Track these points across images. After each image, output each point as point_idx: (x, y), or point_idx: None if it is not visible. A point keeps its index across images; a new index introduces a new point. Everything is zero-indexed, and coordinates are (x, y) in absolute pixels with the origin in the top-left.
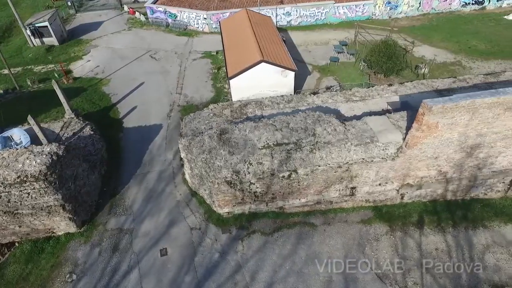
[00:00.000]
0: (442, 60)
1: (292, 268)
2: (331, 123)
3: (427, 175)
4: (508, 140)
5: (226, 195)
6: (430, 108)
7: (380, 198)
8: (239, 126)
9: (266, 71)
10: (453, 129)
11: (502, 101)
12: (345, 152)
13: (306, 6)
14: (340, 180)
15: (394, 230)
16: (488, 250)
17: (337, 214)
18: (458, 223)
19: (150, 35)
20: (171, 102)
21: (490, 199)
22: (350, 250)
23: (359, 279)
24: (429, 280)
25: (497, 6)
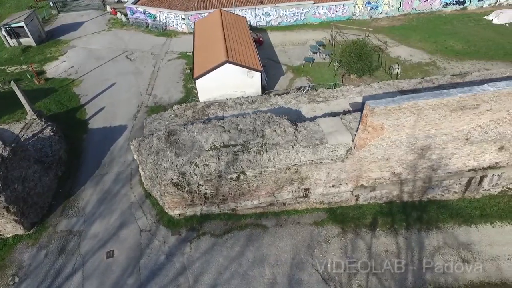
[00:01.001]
0: (418, 61)
1: (237, 270)
2: (281, 125)
3: (380, 176)
4: (459, 142)
5: (174, 196)
6: (373, 109)
7: (334, 199)
8: (188, 127)
9: (231, 71)
10: (400, 131)
11: (446, 102)
12: (293, 154)
13: (286, 6)
14: (291, 181)
15: (346, 232)
16: (438, 252)
17: (290, 216)
18: (412, 225)
19: (129, 35)
20: (140, 103)
21: (448, 200)
22: (298, 252)
23: (303, 281)
24: (374, 282)
25: (478, 6)
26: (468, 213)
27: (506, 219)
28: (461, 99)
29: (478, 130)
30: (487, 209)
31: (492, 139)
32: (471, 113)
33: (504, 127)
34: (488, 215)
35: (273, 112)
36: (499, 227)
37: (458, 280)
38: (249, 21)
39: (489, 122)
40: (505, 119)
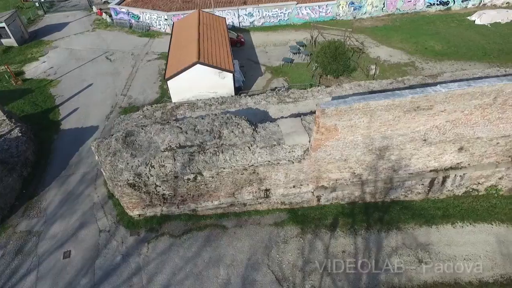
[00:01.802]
0: (396, 61)
1: (192, 270)
2: (239, 126)
3: (340, 177)
4: (417, 142)
5: (132, 197)
6: (323, 110)
7: (296, 200)
8: (146, 128)
9: (203, 72)
10: (354, 132)
11: (398, 103)
12: (250, 155)
13: (268, 6)
14: (249, 182)
15: (306, 233)
16: (396, 253)
17: (251, 217)
18: (372, 226)
19: (112, 36)
20: (114, 104)
21: (411, 201)
22: (255, 253)
23: (257, 282)
24: (328, 283)
25: (462, 6)
26: (430, 213)
27: (468, 220)
28: (413, 100)
29: (435, 131)
30: (450, 209)
31: (450, 140)
32: (426, 114)
33: (461, 128)
34: (450, 215)
35: (241, 112)
36: (460, 227)
37: (412, 280)
38: (232, 21)
39: (445, 123)
40: (461, 120)
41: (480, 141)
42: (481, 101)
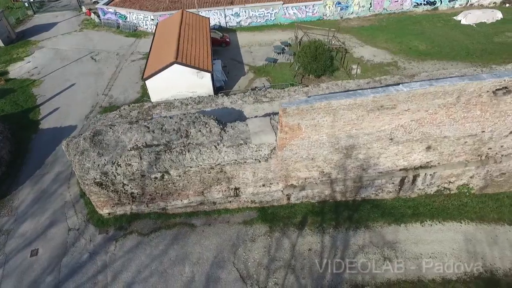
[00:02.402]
0: (380, 61)
1: (157, 268)
2: (207, 125)
3: (309, 176)
4: (383, 141)
5: (100, 196)
6: (285, 110)
7: (266, 199)
8: (114, 128)
9: (180, 72)
10: (319, 131)
11: (360, 102)
12: (216, 154)
13: (255, 6)
14: (218, 181)
15: (274, 231)
16: (362, 251)
17: (221, 215)
18: (341, 224)
19: (99, 36)
20: (95, 103)
21: (382, 200)
22: (222, 251)
23: (221, 279)
24: (291, 280)
25: (449, 6)
26: (400, 212)
27: (437, 218)
28: (375, 99)
29: (401, 130)
30: (420, 208)
31: (417, 139)
32: (390, 113)
33: (427, 127)
34: (420, 214)
35: (216, 112)
36: (428, 226)
37: (375, 278)
38: (219, 22)
39: (410, 122)
40: (426, 119)
41: (448, 140)
42: (444, 100)
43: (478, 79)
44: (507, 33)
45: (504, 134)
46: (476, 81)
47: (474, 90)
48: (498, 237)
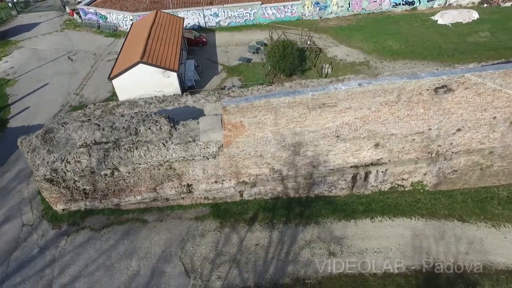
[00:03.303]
0: (352, 60)
1: (105, 262)
2: (158, 123)
3: (260, 173)
4: (330, 139)
5: (52, 192)
6: (225, 108)
7: (219, 195)
8: (66, 125)
9: (147, 72)
10: (263, 128)
11: (300, 100)
12: (164, 151)
13: (234, 7)
14: (168, 177)
15: (224, 227)
16: (308, 246)
17: (174, 211)
18: (291, 220)
19: (80, 36)
20: (65, 102)
21: (335, 196)
22: (170, 246)
23: (166, 273)
24: (234, 274)
25: (428, 6)
26: (352, 208)
27: (388, 214)
28: (314, 97)
29: (346, 127)
30: (373, 204)
31: (364, 136)
32: (332, 111)
33: (372, 125)
34: (371, 210)
35: (178, 110)
36: (378, 221)
37: (318, 272)
38: (198, 22)
39: (354, 120)
40: (370, 117)
41: (395, 137)
42: (385, 99)
43: (416, 78)
44: (481, 33)
45: (451, 131)
46: (414, 80)
47: (413, 89)
48: (445, 232)
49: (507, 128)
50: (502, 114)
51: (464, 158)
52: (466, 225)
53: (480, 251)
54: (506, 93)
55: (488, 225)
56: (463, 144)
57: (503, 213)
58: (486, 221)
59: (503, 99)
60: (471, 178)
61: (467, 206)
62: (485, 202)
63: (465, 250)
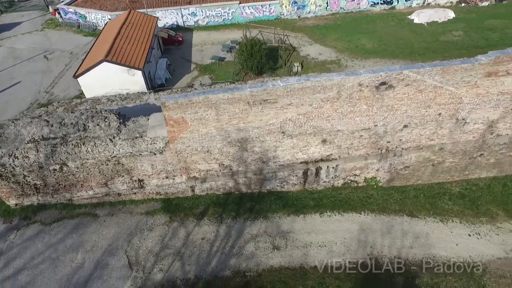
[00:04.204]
0: (324, 59)
1: (50, 255)
2: (107, 119)
3: (209, 168)
4: (276, 135)
5: (1, 187)
6: (164, 104)
7: (171, 190)
8: (16, 122)
9: (111, 70)
10: (206, 124)
11: (238, 97)
12: (112, 146)
13: (211, 6)
14: (118, 172)
15: (173, 221)
16: (254, 240)
17: (126, 206)
18: (241, 215)
19: (59, 35)
20: (34, 100)
21: (288, 192)
22: (117, 239)
23: (109, 265)
24: (176, 267)
25: (406, 6)
26: (303, 203)
27: (338, 210)
28: (253, 93)
29: (291, 123)
30: (324, 200)
31: (310, 132)
32: (273, 107)
33: (316, 121)
34: (322, 205)
35: (138, 108)
36: (327, 216)
37: (259, 265)
38: (177, 21)
39: (298, 116)
40: (313, 113)
41: (342, 134)
42: (325, 95)
43: (354, 75)
44: (454, 32)
45: (398, 128)
46: (352, 76)
47: (352, 85)
48: (393, 227)
49: (454, 125)
50: (446, 110)
51: (415, 154)
52: (415, 220)
53: (425, 245)
54: (447, 90)
55: (437, 220)
56: (412, 141)
57: (452, 208)
58: (435, 216)
59: (445, 96)
60: (424, 174)
61: (418, 202)
62: (436, 197)
63: (410, 244)
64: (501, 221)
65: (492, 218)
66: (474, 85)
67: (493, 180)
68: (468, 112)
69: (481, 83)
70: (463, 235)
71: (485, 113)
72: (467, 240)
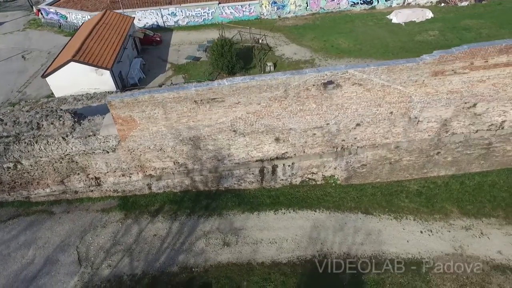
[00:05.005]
0: (298, 58)
1: (1, 252)
2: (61, 118)
3: (164, 166)
4: (227, 133)
5: None
6: (110, 102)
7: (128, 188)
8: None
9: (79, 70)
10: (155, 123)
11: (184, 95)
12: (64, 144)
13: (191, 6)
14: (72, 170)
15: (128, 218)
16: (205, 236)
17: (83, 203)
18: (196, 212)
19: (40, 35)
20: (5, 100)
21: (246, 189)
22: (70, 236)
23: (59, 261)
24: (125, 262)
25: (386, 6)
26: (260, 201)
27: (293, 207)
28: (198, 92)
29: (241, 122)
30: (281, 197)
31: (262, 131)
32: (221, 106)
33: (267, 120)
34: (278, 203)
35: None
36: (282, 214)
37: (207, 261)
38: (157, 21)
39: (247, 115)
40: (262, 112)
41: (295, 132)
42: (272, 94)
43: (299, 74)
44: (430, 31)
45: (351, 126)
46: (298, 76)
47: (299, 84)
48: (346, 224)
49: (407, 123)
50: (398, 109)
51: (371, 152)
52: (369, 217)
53: (376, 241)
54: (396, 89)
55: (391, 217)
56: (367, 139)
57: (408, 205)
58: (389, 214)
59: (394, 94)
60: (382, 172)
61: (375, 199)
62: (394, 195)
63: (361, 241)
64: (454, 218)
65: (446, 215)
66: (422, 84)
67: (451, 178)
68: (420, 110)
69: (429, 82)
70: (415, 232)
71: (437, 111)
72: (419, 236)
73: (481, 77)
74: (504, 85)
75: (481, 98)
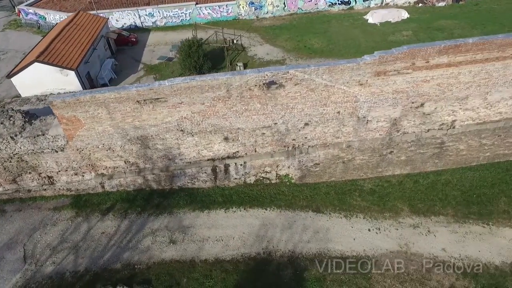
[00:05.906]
0: (270, 58)
1: None
2: (12, 117)
3: (115, 165)
4: (175, 132)
5: None
6: (52, 103)
7: (81, 187)
8: None
9: (43, 70)
10: (100, 122)
11: (126, 96)
12: (13, 144)
13: (168, 7)
14: (23, 169)
15: (78, 216)
16: (152, 234)
17: (36, 202)
18: (147, 210)
19: (18, 36)
20: None
21: (199, 188)
22: (19, 234)
23: (5, 259)
24: (69, 260)
25: (364, 6)
26: (212, 200)
27: (245, 205)
28: (139, 92)
29: (187, 122)
30: (234, 196)
31: (210, 130)
32: (165, 106)
33: (213, 119)
34: (230, 201)
35: None
36: (232, 212)
37: (152, 258)
38: (134, 22)
39: (192, 115)
40: (208, 112)
41: (243, 131)
42: (215, 94)
43: (240, 74)
44: (404, 32)
45: (299, 126)
46: (238, 76)
47: (240, 84)
48: (295, 222)
49: (356, 123)
50: (344, 109)
51: (323, 151)
52: (319, 216)
53: (322, 239)
54: (340, 89)
55: (341, 215)
56: (318, 138)
57: (360, 204)
58: (340, 212)
59: (339, 94)
60: (336, 171)
61: (328, 198)
62: (347, 194)
63: (308, 238)
64: (404, 216)
65: (396, 213)
66: (366, 84)
67: (406, 177)
68: (367, 110)
69: (373, 82)
70: (363, 230)
71: (385, 111)
72: (366, 234)
73: (425, 77)
74: (449, 85)
75: (428, 98)
